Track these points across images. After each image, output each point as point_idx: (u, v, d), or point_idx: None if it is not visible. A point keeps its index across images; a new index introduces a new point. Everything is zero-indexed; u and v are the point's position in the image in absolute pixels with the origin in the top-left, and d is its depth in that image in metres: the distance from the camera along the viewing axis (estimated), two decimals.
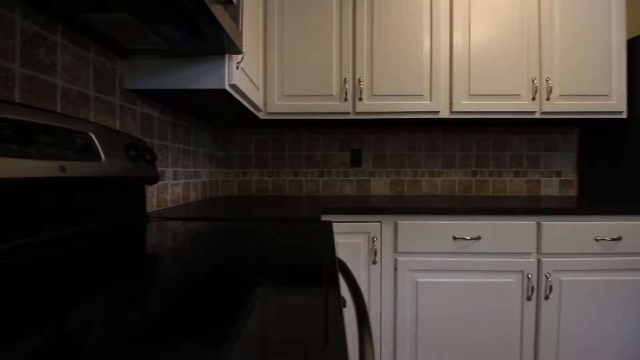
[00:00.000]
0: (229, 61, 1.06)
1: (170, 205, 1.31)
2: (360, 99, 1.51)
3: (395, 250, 1.29)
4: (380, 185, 1.85)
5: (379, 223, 1.29)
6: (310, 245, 0.68)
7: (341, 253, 1.28)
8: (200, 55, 1.04)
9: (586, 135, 1.81)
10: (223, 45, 0.97)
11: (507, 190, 1.85)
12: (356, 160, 1.84)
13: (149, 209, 1.17)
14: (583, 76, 1.53)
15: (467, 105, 1.52)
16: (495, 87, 1.52)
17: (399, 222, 1.28)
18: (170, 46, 0.94)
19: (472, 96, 1.52)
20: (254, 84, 1.36)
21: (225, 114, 1.45)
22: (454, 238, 1.28)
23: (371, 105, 1.52)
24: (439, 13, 1.51)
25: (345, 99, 1.51)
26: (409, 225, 1.28)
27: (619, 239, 1.28)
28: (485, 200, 1.50)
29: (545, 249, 1.28)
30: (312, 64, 1.51)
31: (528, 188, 1.85)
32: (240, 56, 1.10)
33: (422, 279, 1.28)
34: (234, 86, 1.09)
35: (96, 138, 0.81)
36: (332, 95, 1.51)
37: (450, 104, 1.53)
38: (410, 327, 1.28)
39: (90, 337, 0.30)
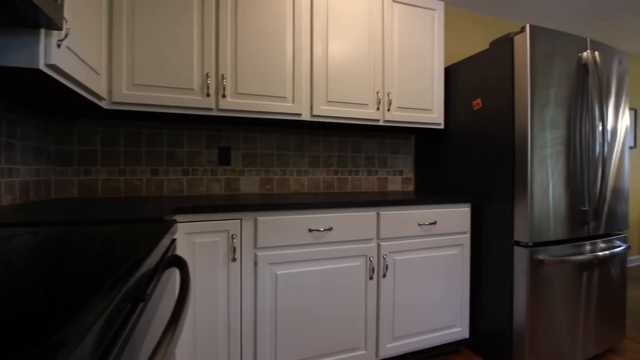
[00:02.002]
0: (46, 37, 0.89)
1: None
2: (224, 96, 1.49)
3: (255, 246, 1.32)
4: (250, 184, 1.86)
5: (239, 220, 1.29)
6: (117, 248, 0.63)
7: (198, 253, 1.23)
8: (3, 27, 0.84)
9: (420, 141, 2.23)
10: (36, 17, 0.81)
11: (363, 187, 2.12)
12: (225, 159, 1.80)
13: None
14: (414, 93, 1.88)
15: (326, 110, 1.68)
16: (349, 96, 1.73)
17: (258, 218, 1.31)
18: None
19: (329, 102, 1.69)
20: (92, 69, 1.19)
21: (51, 100, 1.22)
22: (310, 230, 1.39)
23: (235, 103, 1.51)
24: (300, 23, 1.62)
25: (208, 95, 1.46)
26: (269, 221, 1.32)
27: (434, 223, 1.62)
28: (344, 196, 1.68)
29: (383, 235, 1.52)
30: (169, 53, 1.41)
31: (379, 185, 2.16)
32: (63, 33, 0.94)
33: (281, 270, 1.34)
34: (54, 67, 0.92)
35: None
36: (192, 89, 1.45)
37: (311, 107, 1.66)
38: (270, 319, 1.33)
39: None
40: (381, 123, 1.80)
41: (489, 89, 1.70)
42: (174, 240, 0.96)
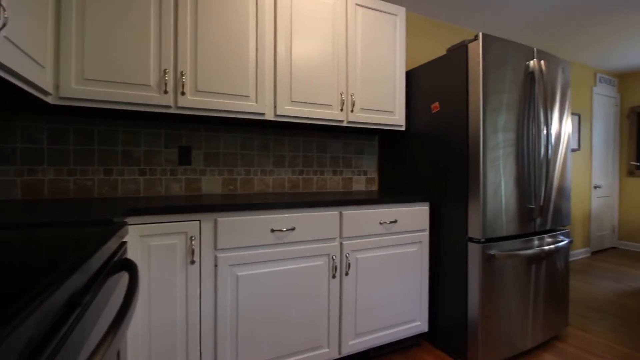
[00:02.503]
0: None
1: None
2: (183, 93, 1.45)
3: (215, 247, 1.29)
4: (212, 184, 1.82)
5: (198, 222, 1.26)
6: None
7: (154, 256, 1.18)
8: None
9: (383, 142, 2.29)
10: None
11: (328, 187, 2.14)
12: (185, 158, 1.75)
13: None
14: (377, 95, 1.93)
15: (290, 110, 1.68)
16: (313, 97, 1.74)
17: (219, 219, 1.29)
18: None
19: (294, 102, 1.69)
20: (36, 61, 1.11)
21: None
22: (272, 230, 1.38)
23: (195, 101, 1.47)
24: (264, 21, 1.61)
25: (166, 92, 1.41)
26: (229, 222, 1.30)
27: (395, 221, 1.68)
28: (309, 196, 1.69)
29: (346, 234, 1.54)
30: (123, 46, 1.34)
31: (343, 184, 2.19)
32: (0, 22, 0.87)
33: (242, 272, 1.33)
34: None
35: None
36: (149, 85, 1.39)
37: (275, 107, 1.65)
38: (231, 321, 1.31)
39: None
40: (345, 124, 1.83)
41: (446, 93, 1.78)
42: (123, 244, 0.92)
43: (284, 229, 1.39)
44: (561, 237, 1.91)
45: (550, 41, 3.10)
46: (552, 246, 1.81)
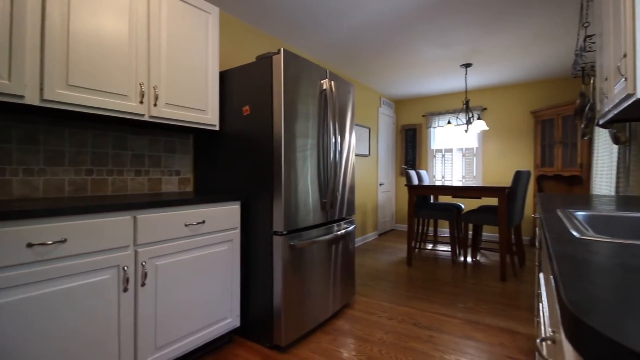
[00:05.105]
0: None
1: None
2: None
3: None
4: None
5: None
6: None
7: None
8: None
9: (199, 141, 2.21)
10: None
11: (129, 189, 1.88)
12: None
13: None
14: (187, 92, 1.84)
15: (66, 95, 1.37)
16: (103, 83, 1.49)
17: None
18: None
19: (71, 86, 1.39)
20: None
21: None
22: (29, 245, 1.09)
23: None
24: None
25: None
26: None
27: (203, 222, 1.65)
28: (99, 200, 1.42)
29: (142, 240, 1.39)
30: None
31: (150, 186, 1.99)
32: None
33: None
34: None
35: None
36: None
37: (42, 89, 1.31)
38: None
39: None
40: (147, 118, 1.66)
41: (255, 98, 1.89)
42: None
43: (50, 242, 1.12)
44: (348, 225, 2.38)
45: (350, 66, 3.81)
46: (343, 231, 2.23)
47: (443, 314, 2.30)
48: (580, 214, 1.08)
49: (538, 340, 0.50)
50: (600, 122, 1.80)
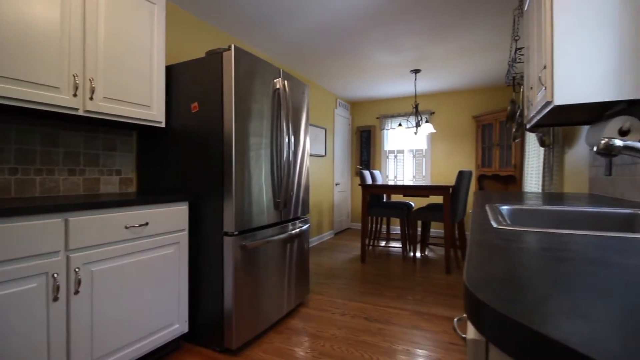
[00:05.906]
0: None
1: None
2: None
3: None
4: None
5: None
6: None
7: None
8: None
9: (143, 139, 2.09)
10: None
11: (62, 190, 1.73)
12: None
13: None
14: (128, 86, 1.73)
15: None
16: (27, 72, 1.34)
17: None
18: None
19: None
20: None
21: None
22: None
23: None
24: None
25: None
26: None
27: (146, 224, 1.56)
28: (24, 202, 1.28)
29: (74, 245, 1.28)
30: None
31: (86, 186, 1.84)
32: None
33: None
34: None
35: None
36: None
37: None
38: None
39: None
40: (81, 113, 1.53)
41: (205, 95, 1.83)
42: None
43: None
44: (302, 224, 2.39)
45: (305, 67, 3.84)
46: (297, 230, 2.24)
47: (393, 307, 2.41)
48: (504, 208, 1.20)
49: (455, 320, 0.55)
50: (528, 126, 2.00)
